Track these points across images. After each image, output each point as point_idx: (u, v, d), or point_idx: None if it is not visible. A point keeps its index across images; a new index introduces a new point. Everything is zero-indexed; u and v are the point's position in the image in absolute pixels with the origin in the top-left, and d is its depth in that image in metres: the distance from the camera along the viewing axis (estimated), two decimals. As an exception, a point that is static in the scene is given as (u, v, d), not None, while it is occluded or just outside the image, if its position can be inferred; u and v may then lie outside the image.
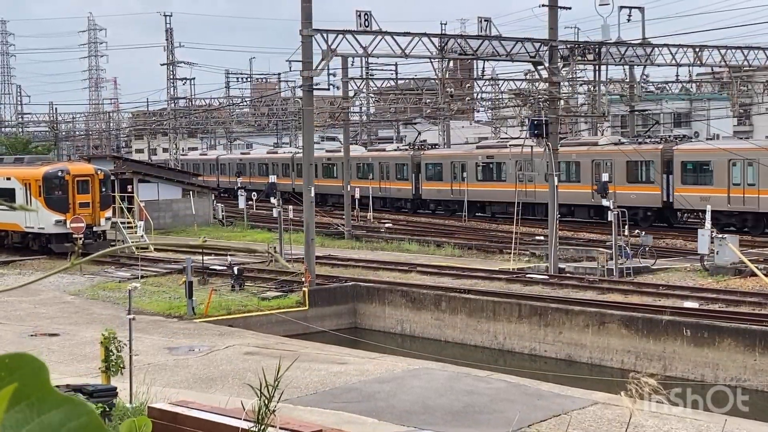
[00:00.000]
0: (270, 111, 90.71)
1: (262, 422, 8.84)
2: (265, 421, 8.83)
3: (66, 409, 1.26)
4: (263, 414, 8.86)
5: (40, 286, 32.28)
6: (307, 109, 32.31)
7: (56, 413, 1.25)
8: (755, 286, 28.67)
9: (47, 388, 1.27)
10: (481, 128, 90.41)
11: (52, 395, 1.27)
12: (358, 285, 31.53)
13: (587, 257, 35.34)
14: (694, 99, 67.98)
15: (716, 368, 22.86)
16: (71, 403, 1.27)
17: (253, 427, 8.96)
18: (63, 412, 1.26)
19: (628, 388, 6.51)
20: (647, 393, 6.41)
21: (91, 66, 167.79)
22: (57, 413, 1.25)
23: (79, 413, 1.27)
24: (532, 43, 34.14)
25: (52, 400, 1.26)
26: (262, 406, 8.87)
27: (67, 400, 1.27)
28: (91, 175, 40.14)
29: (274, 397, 8.84)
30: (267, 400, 8.81)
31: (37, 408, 1.25)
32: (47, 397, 1.26)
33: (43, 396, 1.26)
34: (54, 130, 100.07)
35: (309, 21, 30.46)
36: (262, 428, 8.88)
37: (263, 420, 8.82)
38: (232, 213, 57.12)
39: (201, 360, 20.43)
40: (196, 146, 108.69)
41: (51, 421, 1.25)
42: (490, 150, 55.52)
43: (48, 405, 1.26)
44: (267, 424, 8.87)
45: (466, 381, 17.84)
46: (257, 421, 8.89)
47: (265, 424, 8.85)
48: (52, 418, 1.25)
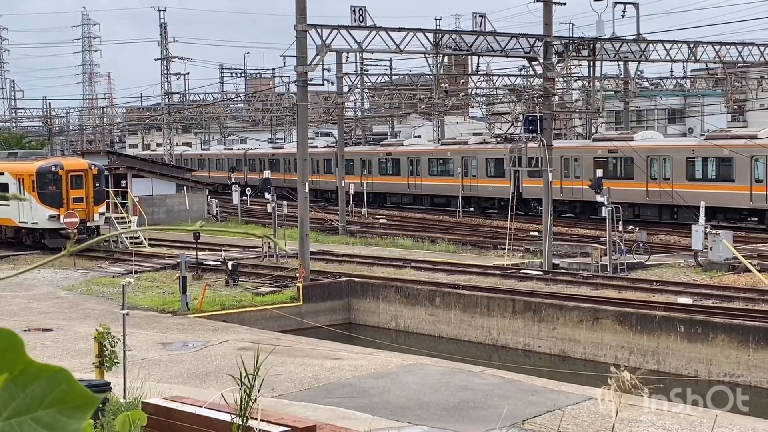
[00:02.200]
0: (264, 106, 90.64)
1: (244, 413, 8.87)
2: (247, 411, 8.86)
3: (45, 379, 1.29)
4: (245, 404, 8.89)
5: (33, 281, 32.23)
6: (302, 105, 32.28)
7: (38, 384, 1.28)
8: (749, 282, 28.73)
9: (25, 359, 1.30)
10: (476, 124, 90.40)
11: (31, 366, 1.30)
12: (352, 280, 31.53)
13: (581, 253, 35.39)
14: (688, 95, 68.05)
15: (710, 364, 22.90)
16: (49, 371, 1.30)
17: (235, 419, 8.99)
18: (44, 383, 1.29)
19: (609, 382, 6.53)
20: (627, 387, 6.42)
21: (84, 61, 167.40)
22: (39, 384, 1.28)
23: (59, 381, 1.29)
24: (527, 38, 34.13)
25: (31, 371, 1.29)
26: (244, 396, 8.90)
27: (45, 368, 1.30)
28: (85, 170, 40.07)
29: (255, 387, 8.86)
30: (248, 389, 8.85)
31: (21, 381, 1.26)
32: (28, 368, 1.29)
33: (24, 368, 1.28)
34: (48, 125, 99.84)
35: (303, 16, 30.43)
36: (245, 419, 8.91)
37: (245, 410, 8.86)
38: (227, 209, 57.09)
39: (195, 355, 20.42)
40: (190, 141, 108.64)
41: (35, 394, 1.27)
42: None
43: (30, 377, 1.28)
44: (248, 416, 8.89)
45: (461, 376, 17.85)
46: (240, 413, 8.91)
47: (247, 416, 8.88)
48: (35, 390, 1.28)
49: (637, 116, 69.95)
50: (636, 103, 63.85)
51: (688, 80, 57.00)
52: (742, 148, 40.79)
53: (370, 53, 38.41)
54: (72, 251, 1.63)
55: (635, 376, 6.13)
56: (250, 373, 8.93)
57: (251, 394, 8.88)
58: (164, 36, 77.01)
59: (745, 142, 41.03)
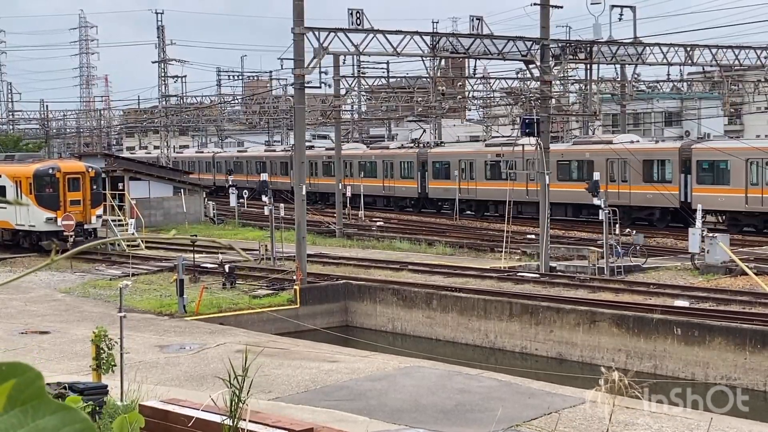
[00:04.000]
0: (261, 109, 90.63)
1: (234, 414, 8.89)
2: (237, 413, 8.88)
3: (61, 416, 1.27)
4: (235, 406, 8.92)
5: (30, 283, 32.20)
6: (299, 107, 32.30)
7: (51, 419, 1.26)
8: (745, 285, 28.76)
9: (43, 396, 1.28)
10: (473, 127, 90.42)
11: (48, 403, 1.27)
12: (349, 283, 31.54)
13: (578, 256, 35.41)
14: (685, 98, 68.15)
15: (707, 367, 22.92)
16: (66, 411, 1.28)
17: (226, 420, 9.01)
18: (58, 418, 1.26)
19: (600, 383, 6.55)
20: (619, 389, 6.43)
21: (82, 63, 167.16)
22: (52, 419, 1.26)
23: (74, 420, 1.27)
24: (524, 41, 34.17)
25: (47, 407, 1.27)
26: (234, 397, 8.93)
27: (63, 407, 1.28)
28: (82, 172, 40.06)
29: (245, 388, 8.89)
30: (238, 390, 8.88)
31: (31, 414, 1.25)
32: (43, 404, 1.27)
33: (38, 404, 1.26)
34: (45, 127, 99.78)
35: (301, 19, 30.45)
36: (236, 420, 8.93)
37: (235, 412, 8.88)
38: (224, 211, 57.06)
39: (192, 358, 20.40)
40: (187, 144, 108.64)
41: (45, 426, 1.25)
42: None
43: (43, 411, 1.26)
44: (240, 417, 8.91)
45: (458, 379, 17.85)
46: (230, 414, 8.93)
47: (238, 417, 8.89)
48: (47, 423, 1.25)
49: (634, 119, 70.02)
50: (633, 106, 63.93)
51: (685, 83, 57.01)
52: (599, 152, 47.57)
53: (367, 56, 38.53)
54: (56, 259, 1.64)
55: (626, 377, 6.15)
56: (240, 375, 8.97)
57: (240, 396, 8.92)
58: (162, 38, 76.95)
59: (602, 147, 48.01)
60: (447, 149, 61.06)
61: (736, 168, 41.65)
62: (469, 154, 56.92)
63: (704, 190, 42.56)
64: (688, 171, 43.78)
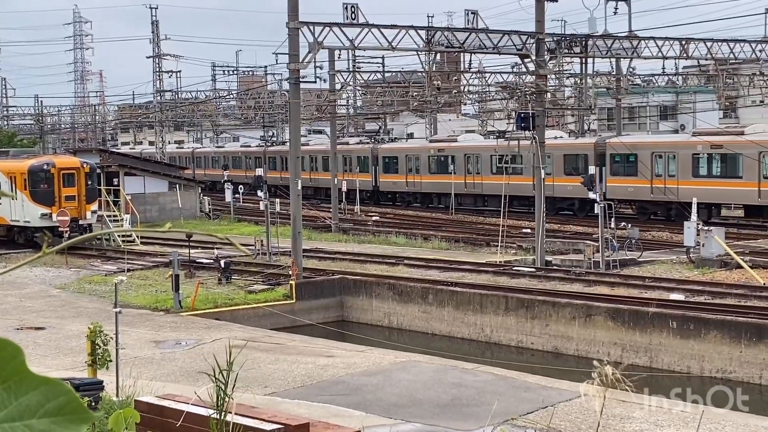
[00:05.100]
0: (256, 104, 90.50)
1: (221, 408, 8.90)
2: (224, 406, 8.89)
3: (43, 391, 1.27)
4: (221, 400, 8.93)
5: (26, 279, 32.17)
6: (294, 102, 32.25)
7: (34, 394, 1.26)
8: (741, 278, 28.79)
9: (24, 370, 1.27)
10: (468, 121, 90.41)
11: (31, 378, 1.27)
12: (345, 278, 31.53)
13: (574, 250, 35.42)
14: (680, 92, 68.16)
15: (702, 360, 22.95)
16: (49, 384, 1.28)
17: (213, 414, 9.02)
18: (41, 394, 1.26)
19: (592, 376, 6.53)
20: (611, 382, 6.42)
21: (76, 59, 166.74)
22: (35, 394, 1.26)
23: (57, 393, 1.27)
24: (519, 35, 34.14)
25: (29, 383, 1.27)
26: (220, 392, 8.94)
27: (45, 381, 1.28)
28: (77, 168, 40.00)
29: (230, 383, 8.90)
30: (223, 384, 8.90)
31: (14, 390, 1.25)
32: (25, 379, 1.27)
33: (20, 379, 1.26)
34: (39, 123, 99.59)
35: (296, 14, 30.40)
36: (223, 414, 8.94)
37: (222, 406, 8.89)
38: (219, 206, 57.01)
39: (188, 353, 20.39)
40: (182, 139, 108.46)
41: (29, 403, 1.25)
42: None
43: (25, 387, 1.26)
44: (228, 411, 8.92)
45: (453, 374, 17.87)
46: (216, 408, 8.94)
47: (224, 410, 8.90)
48: (30, 400, 1.26)
49: (629, 113, 69.99)
50: (628, 100, 63.89)
51: (680, 77, 57.04)
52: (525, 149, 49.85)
53: (362, 50, 38.42)
54: (48, 252, 1.63)
55: (618, 370, 6.14)
56: (225, 369, 8.98)
57: (226, 390, 8.94)
58: (156, 33, 76.77)
59: None
60: (395, 145, 64.82)
61: (643, 161, 45.17)
62: (415, 150, 60.23)
63: (616, 182, 46.16)
64: (603, 164, 46.51)
